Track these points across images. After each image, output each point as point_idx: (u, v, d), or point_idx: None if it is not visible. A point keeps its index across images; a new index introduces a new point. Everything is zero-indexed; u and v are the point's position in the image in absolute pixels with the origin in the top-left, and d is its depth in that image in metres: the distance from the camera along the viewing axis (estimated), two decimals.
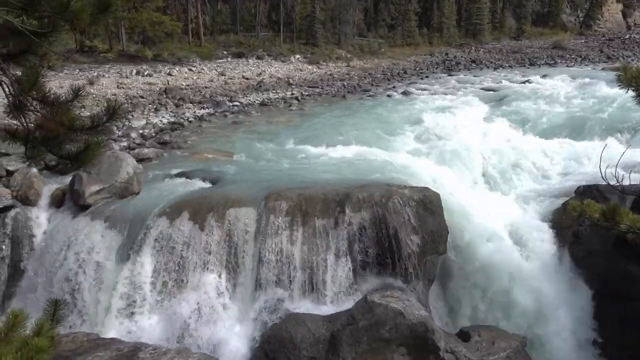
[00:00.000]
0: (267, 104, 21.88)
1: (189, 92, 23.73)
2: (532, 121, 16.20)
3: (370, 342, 7.75)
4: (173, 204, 9.86)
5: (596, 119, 15.16)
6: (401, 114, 18.11)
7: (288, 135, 15.48)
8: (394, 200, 9.49)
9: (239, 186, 10.66)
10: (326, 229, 9.31)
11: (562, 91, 20.46)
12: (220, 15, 38.50)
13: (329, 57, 35.53)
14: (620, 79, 3.95)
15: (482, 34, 49.25)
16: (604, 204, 4.77)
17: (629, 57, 37.36)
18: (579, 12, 62.21)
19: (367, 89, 25.84)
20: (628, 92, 4.02)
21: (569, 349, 9.02)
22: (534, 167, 12.86)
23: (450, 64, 35.82)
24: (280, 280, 9.11)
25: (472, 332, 8.29)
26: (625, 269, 8.96)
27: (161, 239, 9.27)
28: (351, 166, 11.90)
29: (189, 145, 14.79)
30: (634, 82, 3.86)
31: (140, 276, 9.08)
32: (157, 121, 17.96)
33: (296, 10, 39.42)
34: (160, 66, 28.16)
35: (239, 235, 9.30)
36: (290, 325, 8.14)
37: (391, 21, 45.43)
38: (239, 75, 28.47)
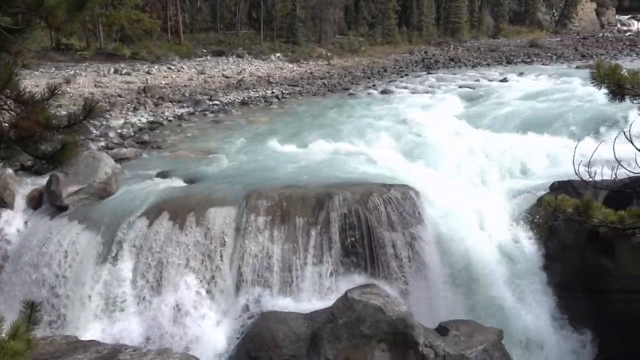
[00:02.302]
0: (247, 103, 21.80)
1: (168, 91, 23.51)
2: (509, 118, 16.40)
3: (350, 338, 7.81)
4: (152, 204, 9.79)
5: (570, 115, 15.41)
6: (381, 112, 18.20)
7: (269, 134, 15.45)
8: (374, 198, 9.57)
9: (220, 186, 10.63)
10: (306, 228, 9.35)
11: (537, 89, 20.79)
12: (199, 13, 38.16)
13: (310, 56, 35.51)
14: (593, 76, 4.05)
15: (460, 32, 49.75)
16: (578, 199, 4.90)
17: (602, 55, 38.08)
18: (555, 11, 63.27)
19: (347, 88, 25.92)
20: (601, 89, 4.12)
21: (546, 340, 9.21)
22: (510, 163, 13.03)
23: (430, 62, 36.12)
24: (261, 278, 9.12)
25: (451, 326, 8.41)
26: (598, 262, 9.19)
27: (140, 239, 9.20)
28: (331, 165, 11.94)
29: (168, 144, 14.68)
30: (607, 79, 3.96)
31: (120, 277, 9.01)
32: (136, 120, 17.77)
33: (277, 8, 39.28)
34: (139, 65, 27.82)
35: (220, 235, 9.29)
36: (271, 323, 8.16)
37: (371, 19, 45.59)
38: (219, 74, 28.28)
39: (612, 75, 3.84)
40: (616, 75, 3.84)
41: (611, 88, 3.90)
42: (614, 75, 3.84)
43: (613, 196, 7.24)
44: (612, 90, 3.90)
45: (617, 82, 3.84)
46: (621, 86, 3.84)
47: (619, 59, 33.82)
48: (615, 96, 3.93)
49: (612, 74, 3.84)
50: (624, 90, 3.86)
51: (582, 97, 16.91)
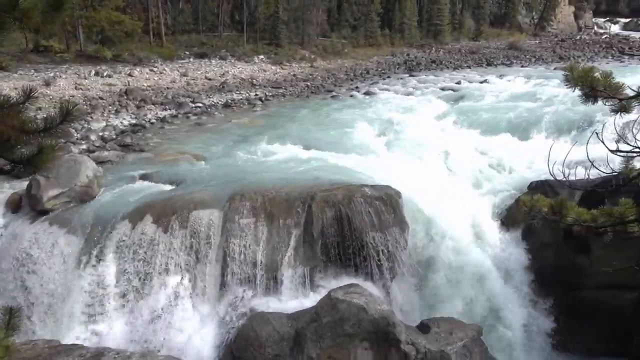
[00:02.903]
0: (230, 105, 21.77)
1: (151, 93, 23.34)
2: (489, 120, 16.65)
3: (334, 337, 7.89)
4: (135, 207, 9.76)
5: (549, 116, 15.72)
6: (364, 113, 18.34)
7: (252, 136, 15.47)
8: (356, 198, 9.67)
9: (203, 188, 10.63)
10: (290, 229, 9.41)
11: (517, 90, 21.13)
12: (182, 14, 37.92)
13: (293, 58, 35.52)
14: (567, 79, 4.16)
15: (442, 34, 50.20)
16: (555, 199, 5.03)
17: (580, 57, 38.80)
18: (534, 14, 64.23)
19: (330, 90, 26.02)
20: (575, 91, 4.23)
21: (524, 336, 9.40)
22: (490, 163, 13.26)
23: (412, 64, 36.40)
24: (245, 279, 9.17)
25: (432, 323, 8.56)
26: (574, 260, 9.42)
27: (123, 242, 9.17)
28: (314, 166, 12.02)
29: (151, 147, 14.60)
30: (580, 81, 4.07)
31: (103, 280, 8.97)
32: (118, 123, 17.63)
33: (259, 10, 39.20)
34: (120, 67, 27.56)
35: (204, 237, 9.30)
36: (255, 323, 8.20)
37: (354, 22, 45.75)
38: (201, 76, 28.16)
39: (586, 78, 3.96)
40: (589, 78, 3.95)
41: (584, 90, 4.02)
42: (587, 78, 3.95)
43: (587, 196, 7.43)
44: (586, 92, 4.02)
45: (590, 85, 3.95)
46: (594, 88, 3.96)
47: (595, 61, 34.57)
48: (589, 98, 4.04)
49: (586, 77, 3.96)
50: (597, 92, 3.97)
51: (560, 98, 17.24)
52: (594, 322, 8.79)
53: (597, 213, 4.59)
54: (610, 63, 33.29)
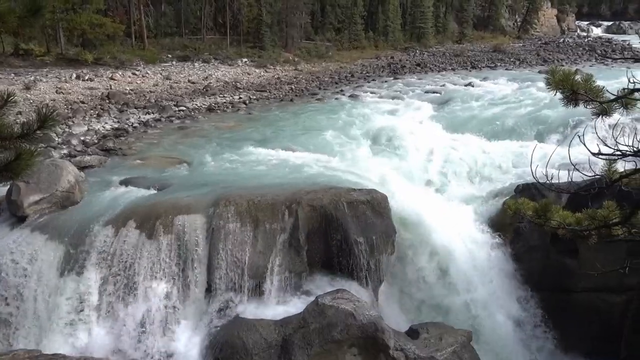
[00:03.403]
0: (214, 109, 21.61)
1: (133, 96, 23.09)
2: (475, 122, 16.80)
3: (322, 344, 7.83)
4: (118, 212, 9.59)
5: (533, 119, 15.91)
6: (349, 117, 18.35)
7: (236, 139, 15.37)
8: (343, 202, 9.63)
9: (187, 192, 10.49)
10: (276, 233, 9.33)
11: (501, 93, 21.35)
12: (164, 17, 37.61)
13: (277, 61, 35.46)
14: (549, 82, 4.18)
15: (426, 37, 50.56)
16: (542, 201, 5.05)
17: (563, 60, 39.33)
18: (517, 17, 65.11)
19: (315, 93, 26.00)
20: (556, 95, 4.25)
21: (513, 340, 9.44)
22: (478, 167, 13.33)
23: (396, 67, 36.56)
24: (231, 285, 9.06)
25: (421, 329, 8.52)
26: (562, 262, 9.47)
27: (106, 249, 8.99)
28: (300, 170, 11.96)
29: (134, 151, 14.41)
30: (562, 84, 4.09)
31: (86, 288, 8.78)
32: (100, 127, 17.39)
33: (242, 13, 39.07)
34: (102, 70, 27.22)
35: (189, 242, 9.17)
36: (241, 331, 8.10)
37: (338, 24, 45.86)
38: (184, 79, 27.95)
39: (566, 81, 3.98)
40: (570, 81, 3.97)
41: (565, 94, 4.04)
42: (568, 81, 3.97)
43: (574, 198, 7.48)
44: (567, 95, 4.04)
45: (571, 88, 3.97)
46: (575, 92, 3.98)
47: (578, 64, 35.08)
48: (570, 101, 4.06)
49: (566, 80, 3.98)
50: (578, 95, 3.99)
51: (547, 101, 17.45)
52: (583, 324, 8.83)
53: (581, 216, 4.62)
54: (594, 66, 33.81)
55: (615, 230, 4.54)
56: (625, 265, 4.68)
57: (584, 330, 8.99)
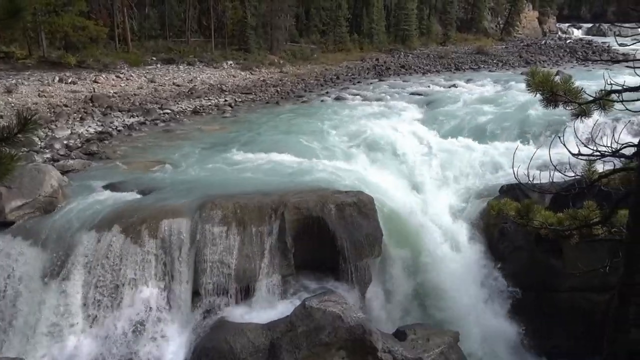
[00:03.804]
0: (199, 112, 21.50)
1: (117, 99, 22.88)
2: (460, 124, 16.93)
3: (310, 347, 7.82)
4: (103, 217, 9.49)
5: (517, 120, 16.08)
6: (334, 119, 18.38)
7: (222, 142, 15.31)
8: (329, 205, 9.65)
9: (173, 196, 10.43)
10: (262, 236, 9.32)
11: (485, 95, 21.56)
12: (148, 20, 37.31)
13: (262, 63, 35.39)
14: (529, 84, 4.25)
15: (410, 39, 50.85)
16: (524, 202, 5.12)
17: (545, 61, 39.82)
18: (500, 19, 65.81)
19: (300, 95, 26.01)
20: (536, 96, 4.32)
21: (499, 340, 9.52)
22: (463, 167, 13.44)
23: (381, 69, 36.71)
24: (218, 289, 9.02)
25: (408, 330, 8.55)
26: (547, 262, 9.56)
27: (91, 254, 8.90)
28: (286, 172, 11.96)
29: (118, 155, 14.28)
30: (541, 86, 4.17)
31: (70, 294, 8.67)
32: (83, 131, 17.19)
33: (227, 15, 38.92)
34: (85, 73, 26.91)
35: (174, 246, 9.11)
36: (229, 335, 8.07)
37: (322, 27, 45.93)
38: (169, 82, 27.77)
39: (546, 83, 4.05)
40: (549, 83, 4.05)
41: (545, 95, 4.11)
42: (548, 83, 4.04)
43: (557, 199, 7.59)
44: (546, 97, 4.11)
45: (550, 89, 4.05)
46: (554, 93, 4.05)
47: (560, 65, 35.53)
48: (549, 103, 4.14)
49: (546, 82, 4.05)
50: (557, 97, 4.07)
51: (526, 102, 17.66)
52: (568, 324, 8.91)
53: (562, 216, 4.70)
54: (574, 67, 34.27)
55: (596, 229, 4.62)
56: (606, 264, 4.78)
57: (569, 330, 9.08)
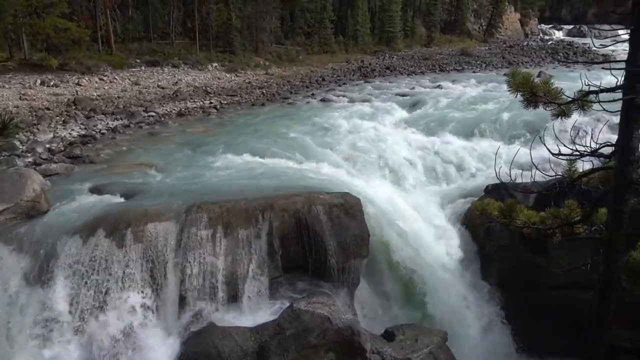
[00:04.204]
0: (184, 114, 21.38)
1: (101, 102, 22.65)
2: (445, 124, 17.05)
3: (298, 349, 7.80)
4: (86, 221, 9.37)
5: (501, 120, 16.24)
6: (320, 121, 18.39)
7: (207, 145, 15.23)
8: (316, 206, 9.64)
9: (158, 199, 10.34)
10: (249, 239, 9.28)
11: (470, 95, 21.76)
12: (131, 22, 37.00)
13: (247, 65, 35.31)
14: (510, 85, 4.31)
15: (395, 41, 51.16)
16: (507, 201, 5.18)
17: (527, 62, 40.34)
18: (482, 21, 66.51)
19: (286, 97, 26.00)
20: (517, 97, 4.39)
21: (486, 338, 9.60)
22: (449, 168, 13.55)
23: (366, 70, 36.85)
24: (205, 293, 8.95)
25: (397, 331, 8.57)
26: (532, 260, 9.65)
27: (75, 259, 8.78)
28: (272, 175, 11.93)
29: (102, 158, 14.13)
30: (522, 87, 4.24)
31: (54, 300, 8.55)
32: (66, 134, 16.99)
33: (212, 17, 38.77)
34: (68, 76, 26.61)
35: (160, 250, 9.02)
36: (216, 339, 8.01)
37: (308, 29, 46.01)
38: (154, 85, 27.57)
39: (526, 84, 4.12)
40: (529, 84, 4.12)
41: (525, 96, 4.18)
42: (528, 84, 4.11)
43: (541, 198, 7.68)
44: (527, 98, 4.18)
45: (530, 90, 4.12)
46: (534, 94, 4.12)
47: (542, 66, 36.00)
48: (530, 103, 4.21)
49: (526, 83, 4.12)
50: (537, 97, 4.14)
51: (509, 102, 17.87)
52: (554, 321, 8.98)
53: (545, 215, 4.77)
54: (556, 68, 34.72)
55: (577, 228, 4.70)
56: (587, 262, 4.86)
57: (555, 327, 9.16)
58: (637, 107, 4.04)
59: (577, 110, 4.36)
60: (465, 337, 9.46)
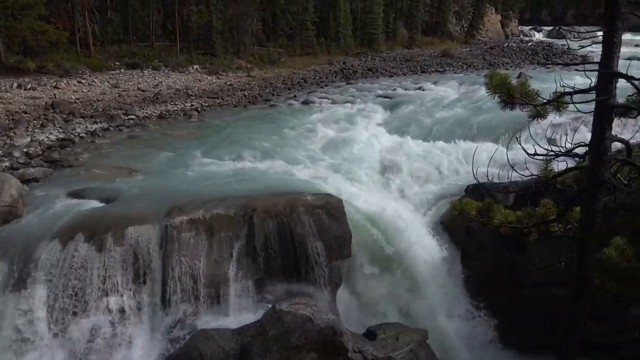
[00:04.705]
0: (165, 117, 21.20)
1: (79, 106, 22.36)
2: (427, 125, 17.18)
3: (280, 350, 7.80)
4: (65, 225, 9.27)
5: (480, 121, 16.41)
6: (302, 123, 18.41)
7: (189, 148, 15.13)
8: (298, 208, 9.67)
9: (138, 203, 10.26)
10: (231, 241, 9.27)
11: (451, 96, 21.95)
12: (110, 24, 36.57)
13: (229, 67, 35.15)
14: (487, 86, 4.38)
15: (376, 43, 51.39)
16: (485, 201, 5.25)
17: (508, 63, 40.84)
18: (464, 23, 67.17)
19: (268, 99, 25.95)
20: (495, 98, 4.46)
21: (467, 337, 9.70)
22: (430, 168, 13.62)
23: (348, 72, 36.96)
24: (187, 296, 8.92)
25: (378, 330, 8.63)
26: (512, 259, 9.77)
27: (54, 264, 8.66)
28: (254, 177, 11.92)
29: (81, 162, 13.94)
30: (499, 89, 4.31)
31: (33, 306, 8.42)
32: (44, 138, 16.74)
33: (192, 19, 38.51)
34: (46, 78, 26.21)
35: (141, 254, 8.96)
36: (199, 341, 7.98)
37: (290, 31, 45.97)
38: (134, 87, 27.30)
39: (503, 86, 4.20)
40: (507, 86, 4.19)
41: (503, 97, 4.26)
42: (505, 85, 4.19)
43: (520, 198, 7.79)
44: (504, 99, 4.26)
45: (507, 92, 4.19)
46: (512, 95, 4.20)
47: (522, 68, 36.46)
48: (507, 104, 4.29)
49: (503, 84, 4.20)
50: (514, 99, 4.22)
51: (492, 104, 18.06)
52: (533, 318, 9.09)
53: (521, 214, 4.86)
54: (536, 69, 35.18)
55: (553, 226, 4.79)
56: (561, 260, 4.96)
57: (534, 324, 9.29)
58: (610, 108, 4.14)
59: (553, 111, 4.45)
60: (446, 335, 9.55)
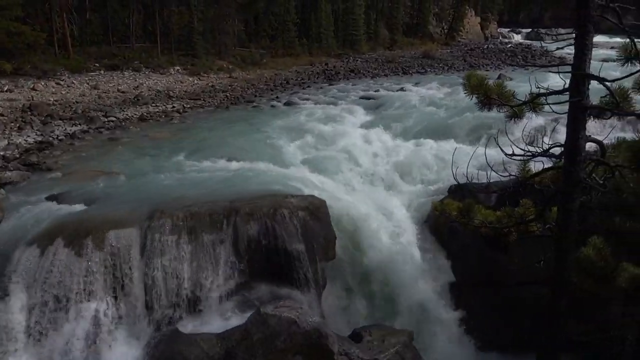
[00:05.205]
0: (146, 119, 20.97)
1: (58, 107, 22.00)
2: (409, 126, 17.30)
3: (266, 354, 7.78)
4: (44, 230, 9.11)
5: (462, 122, 16.57)
6: (285, 124, 18.38)
7: (170, 150, 15.00)
8: (282, 210, 9.65)
9: (119, 206, 10.13)
10: (214, 244, 9.21)
11: (433, 97, 22.14)
12: (89, 25, 36.08)
13: (210, 69, 34.93)
14: (465, 88, 4.44)
15: (358, 44, 51.58)
16: (466, 202, 5.31)
17: (488, 65, 41.31)
18: (444, 24, 67.78)
19: (250, 100, 25.85)
20: (472, 99, 4.52)
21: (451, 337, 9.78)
22: (413, 169, 13.72)
23: (331, 73, 37.00)
24: (171, 300, 8.84)
25: (364, 332, 8.65)
26: (494, 258, 9.88)
27: (32, 270, 8.50)
28: (237, 179, 11.85)
29: (59, 165, 13.72)
30: (477, 90, 4.37)
31: (10, 314, 8.26)
32: (22, 141, 16.43)
33: (173, 20, 38.18)
34: (23, 80, 25.76)
35: (123, 258, 8.84)
36: (182, 346, 7.91)
37: (272, 32, 45.89)
38: (114, 89, 26.96)
39: (480, 86, 4.26)
40: (484, 87, 4.25)
41: (480, 98, 4.32)
42: (482, 87, 4.25)
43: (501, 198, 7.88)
44: (481, 100, 4.32)
45: (484, 93, 4.25)
46: (488, 96, 4.26)
47: (502, 69, 36.90)
48: (484, 105, 4.36)
49: (480, 86, 4.26)
50: (491, 100, 4.28)
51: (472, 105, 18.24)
52: (515, 317, 9.19)
53: (500, 214, 4.93)
54: (515, 70, 35.62)
55: (532, 226, 4.86)
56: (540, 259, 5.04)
57: (516, 323, 9.39)
58: (583, 109, 4.23)
59: (529, 112, 4.53)
60: (430, 335, 9.62)
